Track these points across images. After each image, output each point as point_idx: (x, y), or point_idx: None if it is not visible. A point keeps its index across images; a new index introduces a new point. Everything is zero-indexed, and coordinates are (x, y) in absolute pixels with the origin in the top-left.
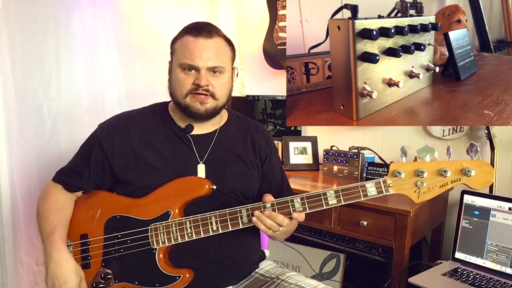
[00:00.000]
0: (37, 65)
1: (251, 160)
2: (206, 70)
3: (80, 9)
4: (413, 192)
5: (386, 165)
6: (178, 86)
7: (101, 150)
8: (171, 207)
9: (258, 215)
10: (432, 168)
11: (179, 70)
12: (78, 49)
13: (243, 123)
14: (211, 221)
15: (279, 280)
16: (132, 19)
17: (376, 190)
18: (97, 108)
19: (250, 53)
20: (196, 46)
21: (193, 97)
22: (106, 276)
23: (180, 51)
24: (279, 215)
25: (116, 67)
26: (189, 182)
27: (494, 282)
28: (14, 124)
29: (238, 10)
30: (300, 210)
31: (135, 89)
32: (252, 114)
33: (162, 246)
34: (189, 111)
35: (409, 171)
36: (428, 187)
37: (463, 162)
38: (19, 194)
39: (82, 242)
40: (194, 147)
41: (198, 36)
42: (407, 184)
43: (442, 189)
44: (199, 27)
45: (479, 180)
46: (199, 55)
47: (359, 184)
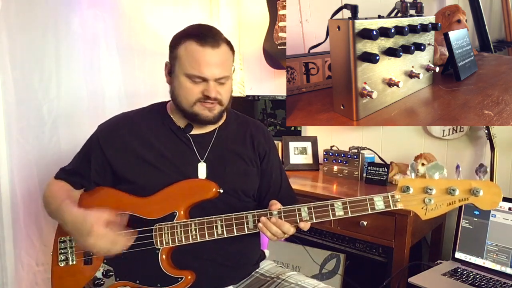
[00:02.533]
0: (37, 65)
1: (251, 158)
2: (214, 81)
3: (80, 9)
4: (421, 208)
5: (386, 165)
6: (185, 94)
7: (101, 151)
8: (177, 208)
9: (265, 221)
10: (441, 186)
11: (185, 79)
12: (78, 49)
13: (242, 122)
14: (217, 225)
15: (280, 280)
16: (132, 19)
17: (384, 204)
18: (97, 108)
19: (250, 53)
20: (203, 57)
21: (201, 105)
22: (107, 273)
23: (186, 59)
24: (286, 223)
25: (116, 67)
26: (196, 184)
27: (494, 282)
28: (14, 124)
29: (238, 10)
30: (307, 219)
31: (135, 89)
32: (252, 114)
33: (166, 247)
34: (198, 118)
35: (417, 187)
36: (436, 205)
37: (472, 182)
38: (19, 194)
39: None
40: (194, 146)
41: (205, 45)
42: (415, 200)
43: (449, 207)
44: (204, 35)
45: (487, 200)
46: (208, 67)
47: (367, 198)
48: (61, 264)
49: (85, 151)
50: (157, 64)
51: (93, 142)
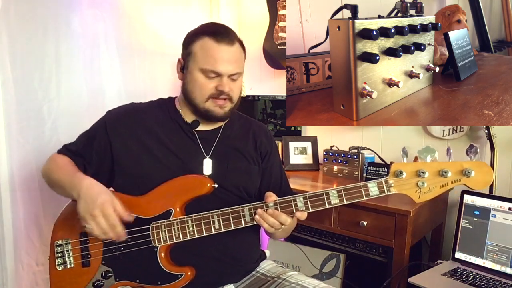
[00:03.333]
0: (37, 65)
1: (252, 156)
2: (227, 77)
3: (80, 9)
4: (414, 192)
5: (386, 165)
6: (199, 89)
7: (106, 135)
8: (173, 205)
9: (261, 213)
10: (433, 168)
11: (200, 74)
12: (78, 49)
13: (245, 121)
14: (213, 220)
15: (280, 280)
16: (132, 19)
17: (378, 190)
18: (97, 108)
19: (250, 53)
20: (219, 54)
21: (214, 101)
22: (107, 274)
23: (202, 55)
24: (282, 214)
25: (116, 67)
26: (191, 180)
27: (494, 282)
28: (14, 124)
29: (238, 10)
30: (303, 209)
31: (135, 89)
32: (252, 114)
33: (164, 244)
34: (209, 115)
35: (410, 171)
36: (429, 187)
37: (463, 163)
38: (19, 194)
39: (82, 240)
40: (199, 142)
41: (221, 42)
42: (409, 184)
43: (442, 189)
44: (220, 32)
45: (479, 180)
46: (223, 63)
47: (361, 184)
48: (59, 267)
49: (90, 135)
50: (157, 64)
51: (100, 126)
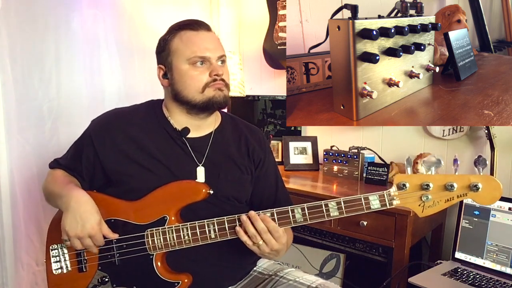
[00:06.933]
0: (37, 65)
1: (245, 165)
2: (216, 60)
3: (80, 9)
4: (418, 206)
5: (386, 165)
6: (192, 82)
7: (93, 148)
8: (167, 212)
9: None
10: (438, 181)
11: (188, 67)
12: (78, 49)
13: (237, 125)
14: (209, 229)
15: (277, 277)
16: (132, 19)
17: (379, 203)
18: (97, 108)
19: (250, 53)
20: (201, 40)
21: (212, 86)
22: (103, 280)
23: (184, 46)
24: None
25: (116, 67)
26: (186, 186)
27: (494, 282)
28: (14, 124)
29: (238, 10)
30: (301, 221)
31: (135, 89)
32: (252, 114)
33: (160, 252)
34: (211, 102)
35: (414, 184)
36: (433, 201)
37: (471, 177)
38: (19, 194)
39: None
40: (190, 150)
41: (199, 29)
42: (412, 197)
43: (447, 203)
44: (194, 23)
45: (486, 196)
46: (208, 47)
47: (362, 196)
48: (56, 272)
49: (77, 148)
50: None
51: (85, 139)
